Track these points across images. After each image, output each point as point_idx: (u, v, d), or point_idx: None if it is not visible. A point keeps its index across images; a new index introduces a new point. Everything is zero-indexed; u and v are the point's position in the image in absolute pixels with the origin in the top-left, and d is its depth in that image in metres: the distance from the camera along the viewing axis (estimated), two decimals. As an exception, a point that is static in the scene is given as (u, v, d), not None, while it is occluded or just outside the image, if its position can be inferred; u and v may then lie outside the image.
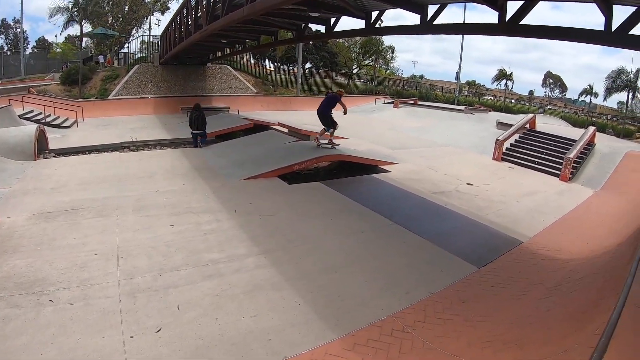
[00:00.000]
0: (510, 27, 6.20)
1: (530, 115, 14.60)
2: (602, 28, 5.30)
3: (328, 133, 10.04)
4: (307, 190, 7.78)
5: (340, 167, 10.77)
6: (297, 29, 12.80)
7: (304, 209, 6.56)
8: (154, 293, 3.88)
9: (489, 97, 38.04)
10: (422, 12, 7.85)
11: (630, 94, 29.92)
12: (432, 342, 3.54)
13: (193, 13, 14.16)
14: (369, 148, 11.95)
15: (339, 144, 10.52)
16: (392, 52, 32.23)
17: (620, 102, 32.28)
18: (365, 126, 16.86)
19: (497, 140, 12.27)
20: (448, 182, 9.25)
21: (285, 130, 14.42)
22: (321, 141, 10.21)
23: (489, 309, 4.35)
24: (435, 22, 7.88)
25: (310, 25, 13.10)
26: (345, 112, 10.33)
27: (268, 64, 42.26)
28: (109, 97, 20.54)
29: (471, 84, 49.07)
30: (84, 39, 29.03)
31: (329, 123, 9.87)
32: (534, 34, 6.22)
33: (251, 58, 40.07)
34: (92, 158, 10.43)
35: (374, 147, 12.12)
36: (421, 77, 52.42)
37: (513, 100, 39.49)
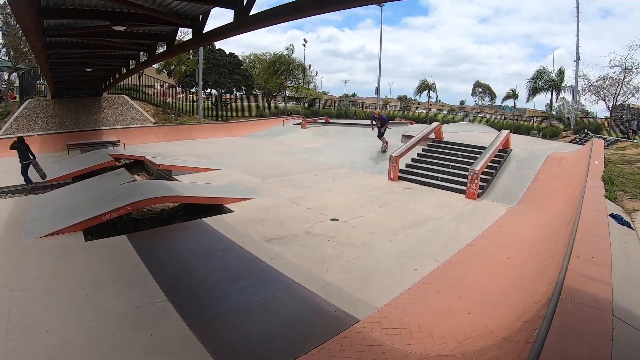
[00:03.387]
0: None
1: (435, 124, 12.86)
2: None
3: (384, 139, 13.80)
4: (99, 249, 5.80)
5: (186, 208, 8.33)
6: (148, 49, 11.14)
7: (66, 280, 4.82)
8: None
9: (421, 110, 37.38)
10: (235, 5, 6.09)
11: (555, 94, 29.65)
12: None
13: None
14: (234, 180, 9.51)
15: (387, 142, 13.60)
16: (304, 71, 30.25)
17: (547, 105, 32.36)
18: (253, 152, 14.62)
19: (390, 157, 10.22)
20: (304, 220, 6.89)
21: (155, 167, 12.00)
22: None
23: None
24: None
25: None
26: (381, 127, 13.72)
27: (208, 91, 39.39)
28: (-5, 137, 17.85)
29: (402, 98, 48.89)
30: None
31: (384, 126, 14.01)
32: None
33: (178, 86, 37.23)
34: None
35: (240, 179, 9.69)
36: (353, 95, 51.82)
37: (445, 112, 39.16)
